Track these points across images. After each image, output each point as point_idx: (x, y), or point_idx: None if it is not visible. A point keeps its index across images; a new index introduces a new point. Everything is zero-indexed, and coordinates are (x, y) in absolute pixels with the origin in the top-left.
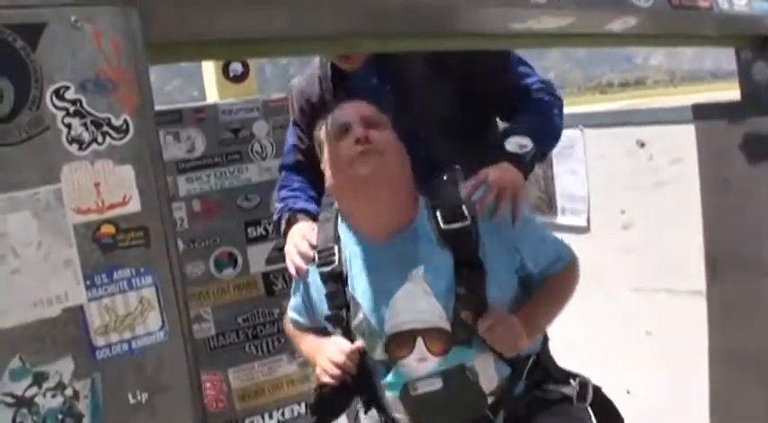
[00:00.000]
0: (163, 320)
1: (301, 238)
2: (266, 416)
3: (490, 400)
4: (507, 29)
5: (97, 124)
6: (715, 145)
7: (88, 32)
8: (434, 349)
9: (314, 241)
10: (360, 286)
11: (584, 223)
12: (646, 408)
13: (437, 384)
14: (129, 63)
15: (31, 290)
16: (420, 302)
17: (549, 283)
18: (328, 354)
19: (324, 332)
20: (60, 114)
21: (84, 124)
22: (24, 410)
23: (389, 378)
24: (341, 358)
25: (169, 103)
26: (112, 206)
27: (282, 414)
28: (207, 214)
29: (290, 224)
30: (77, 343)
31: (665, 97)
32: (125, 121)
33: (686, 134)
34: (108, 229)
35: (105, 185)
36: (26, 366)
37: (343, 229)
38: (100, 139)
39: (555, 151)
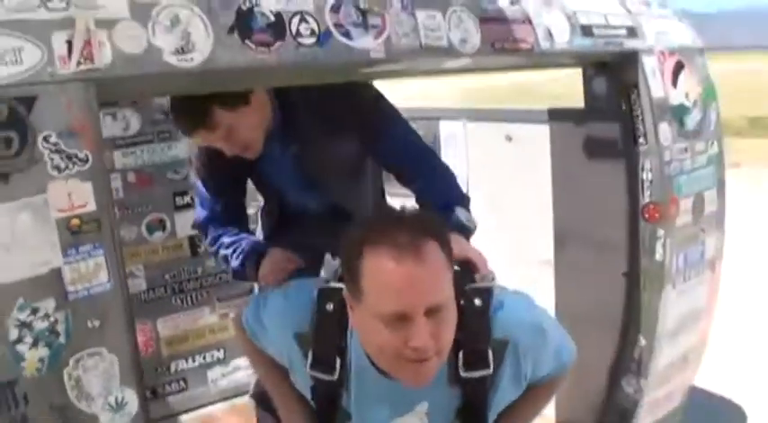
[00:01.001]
0: (109, 276)
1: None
2: (190, 359)
3: None
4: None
5: (69, 157)
6: (563, 143)
7: (63, 101)
8: None
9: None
10: (357, 407)
11: None
12: None
13: None
14: (88, 119)
15: (31, 257)
16: None
17: (540, 390)
18: None
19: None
20: (47, 152)
21: (61, 157)
22: (25, 330)
23: None
24: None
25: None
26: (78, 207)
27: (204, 358)
28: (140, 185)
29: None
30: (57, 289)
31: None
32: (86, 154)
33: (544, 132)
34: (76, 221)
35: (74, 195)
36: (26, 303)
37: (354, 344)
38: (71, 166)
39: (442, 138)
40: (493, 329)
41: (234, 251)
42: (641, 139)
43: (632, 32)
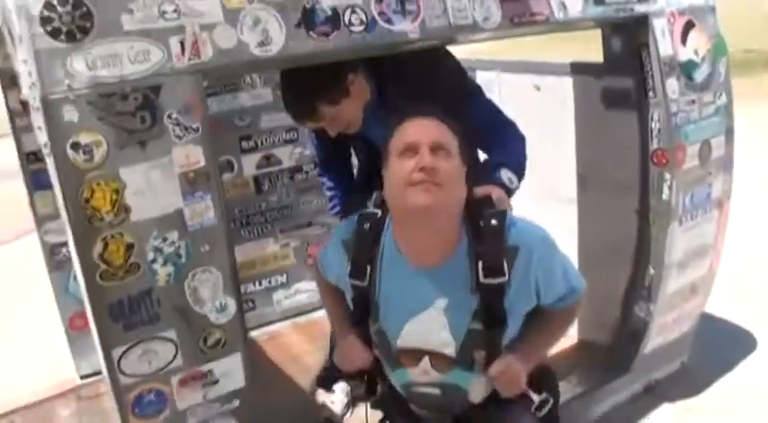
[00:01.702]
0: (215, 213)
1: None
2: (257, 283)
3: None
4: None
5: (186, 128)
6: (585, 94)
7: (180, 88)
8: (438, 367)
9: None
10: (385, 299)
11: None
12: None
13: (435, 391)
14: (198, 99)
15: (161, 201)
16: (433, 330)
17: (555, 318)
18: (348, 353)
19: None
20: (170, 125)
21: (180, 128)
22: (158, 253)
23: (394, 375)
24: (358, 361)
25: None
26: (193, 164)
27: (269, 282)
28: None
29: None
30: (179, 223)
31: None
32: (197, 126)
33: (568, 83)
34: (191, 175)
35: (190, 155)
36: (159, 234)
37: (388, 237)
38: (187, 135)
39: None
40: (506, 240)
41: (330, 199)
42: (651, 93)
43: None
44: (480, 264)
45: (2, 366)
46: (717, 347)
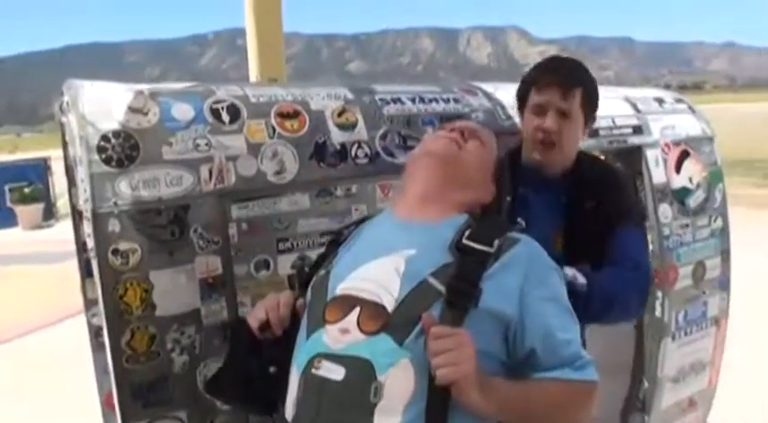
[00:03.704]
0: (227, 313)
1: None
2: None
3: None
4: None
5: (207, 241)
6: None
7: (205, 208)
8: (364, 325)
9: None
10: (351, 246)
11: None
12: None
13: (338, 374)
14: (220, 218)
15: (182, 300)
16: (384, 274)
17: (549, 385)
18: (271, 298)
19: None
20: (194, 237)
21: (203, 241)
22: (176, 344)
23: (304, 348)
24: (272, 304)
25: None
26: (212, 271)
27: None
28: (251, 232)
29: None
30: (196, 320)
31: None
32: (218, 239)
33: None
34: (210, 280)
35: (210, 264)
36: (178, 328)
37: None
38: (208, 246)
39: None
40: (511, 233)
41: None
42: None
43: (638, 130)
44: (469, 231)
45: None
46: None
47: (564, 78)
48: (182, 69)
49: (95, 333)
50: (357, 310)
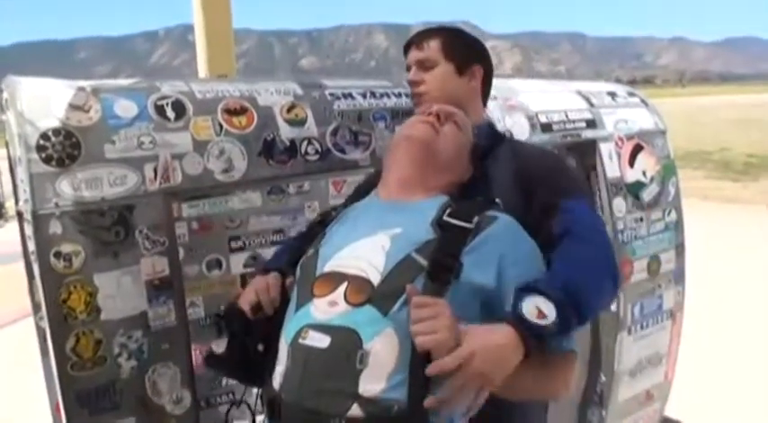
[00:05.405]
0: (175, 316)
1: (252, 290)
2: None
3: (354, 405)
4: None
5: (153, 242)
6: None
7: (150, 207)
8: (351, 298)
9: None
10: (338, 228)
11: None
12: None
13: (323, 342)
14: (165, 217)
15: (129, 303)
16: (369, 252)
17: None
18: (261, 279)
19: None
20: (140, 238)
21: (149, 242)
22: (123, 349)
23: (293, 320)
24: (262, 286)
25: None
26: (159, 272)
27: None
28: (202, 231)
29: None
30: (143, 324)
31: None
32: (164, 240)
33: None
34: (156, 282)
35: (156, 265)
36: (125, 332)
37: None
38: (154, 247)
39: None
40: (489, 211)
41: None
42: (599, 211)
43: (591, 124)
44: (450, 209)
45: None
46: None
47: (417, 35)
48: (133, 66)
49: (43, 337)
50: (345, 284)
